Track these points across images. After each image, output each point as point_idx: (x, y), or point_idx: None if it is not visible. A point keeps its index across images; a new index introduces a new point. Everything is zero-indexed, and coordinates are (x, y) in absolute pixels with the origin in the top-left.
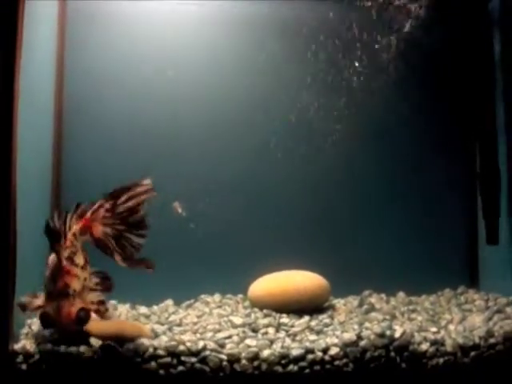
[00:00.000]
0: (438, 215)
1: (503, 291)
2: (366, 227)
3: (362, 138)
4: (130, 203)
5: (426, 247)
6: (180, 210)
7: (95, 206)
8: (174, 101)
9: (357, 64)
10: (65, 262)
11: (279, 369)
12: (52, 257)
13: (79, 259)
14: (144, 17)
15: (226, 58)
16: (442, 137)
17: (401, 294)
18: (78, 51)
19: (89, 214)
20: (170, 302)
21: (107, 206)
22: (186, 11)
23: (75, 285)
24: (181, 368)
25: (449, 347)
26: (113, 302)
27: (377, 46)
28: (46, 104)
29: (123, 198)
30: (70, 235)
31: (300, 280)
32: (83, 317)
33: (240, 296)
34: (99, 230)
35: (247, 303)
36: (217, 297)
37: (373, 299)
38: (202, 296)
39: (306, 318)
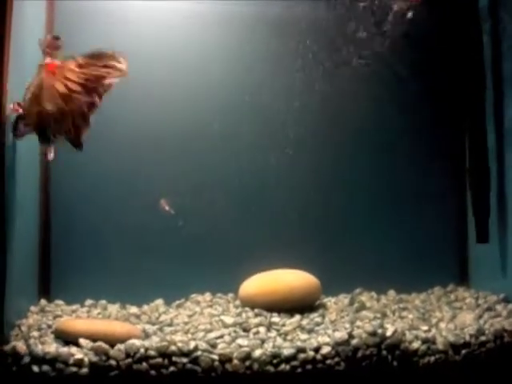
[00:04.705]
0: (428, 213)
1: (493, 289)
2: (356, 225)
3: (352, 138)
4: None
5: (416, 245)
6: (167, 208)
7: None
8: (162, 100)
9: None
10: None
11: (271, 368)
12: None
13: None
14: (132, 15)
15: (216, 57)
16: (431, 135)
17: (391, 292)
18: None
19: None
20: (160, 301)
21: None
22: (175, 10)
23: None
24: (172, 369)
25: (440, 345)
26: (103, 301)
27: (365, 42)
28: None
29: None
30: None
31: (291, 279)
32: None
33: (231, 295)
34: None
35: (238, 302)
36: (207, 296)
37: (363, 297)
38: (193, 295)
39: (297, 316)
